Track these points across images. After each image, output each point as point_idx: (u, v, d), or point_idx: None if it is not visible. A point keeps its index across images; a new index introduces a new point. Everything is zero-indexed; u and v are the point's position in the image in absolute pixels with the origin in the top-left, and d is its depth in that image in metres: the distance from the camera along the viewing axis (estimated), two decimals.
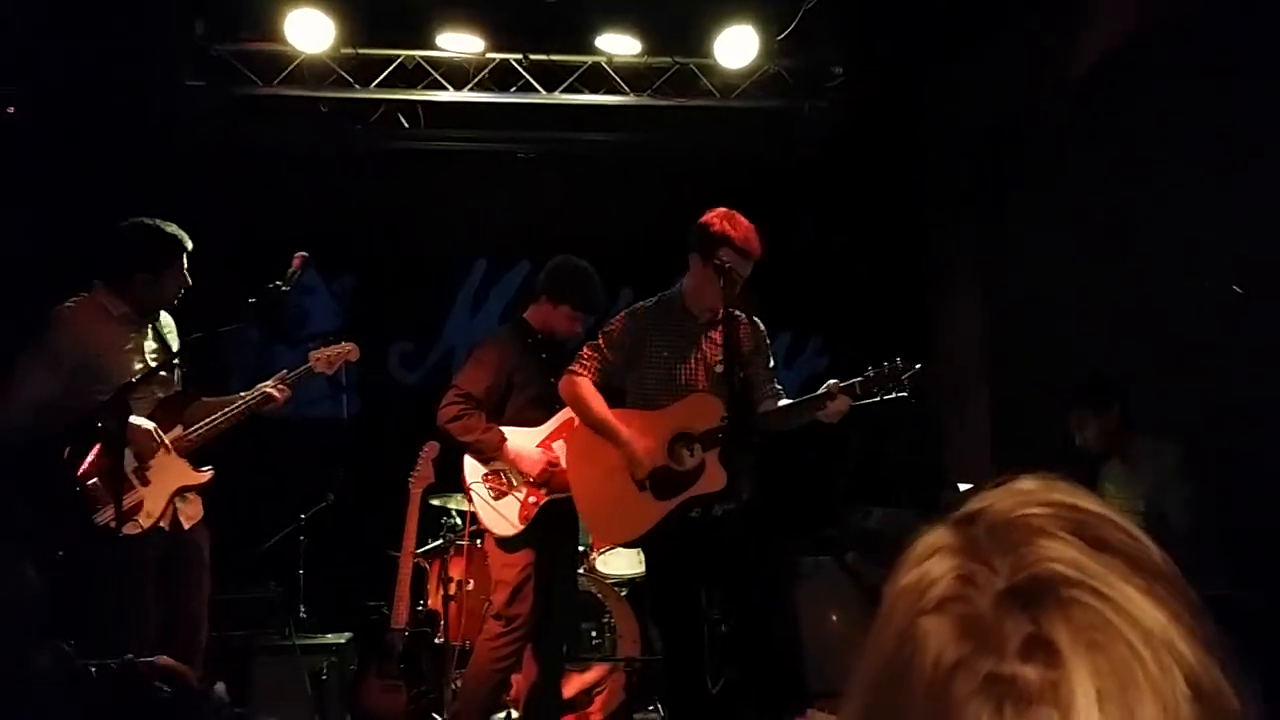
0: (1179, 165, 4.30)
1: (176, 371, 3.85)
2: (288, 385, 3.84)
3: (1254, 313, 3.61)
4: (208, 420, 3.74)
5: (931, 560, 0.61)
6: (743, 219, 3.70)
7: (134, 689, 0.84)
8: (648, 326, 3.84)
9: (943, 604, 0.58)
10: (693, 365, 3.77)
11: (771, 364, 3.93)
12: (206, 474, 3.76)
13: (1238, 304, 3.56)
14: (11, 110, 5.35)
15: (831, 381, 3.58)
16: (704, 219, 3.73)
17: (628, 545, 4.54)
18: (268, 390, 3.80)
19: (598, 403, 3.82)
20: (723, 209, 3.74)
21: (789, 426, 3.73)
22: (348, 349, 3.97)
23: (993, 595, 0.57)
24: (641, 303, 3.95)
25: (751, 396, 3.78)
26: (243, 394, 3.84)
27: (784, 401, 3.79)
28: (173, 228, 3.80)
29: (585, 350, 3.93)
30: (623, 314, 3.96)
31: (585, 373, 3.85)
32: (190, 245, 3.82)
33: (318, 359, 3.91)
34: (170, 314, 3.95)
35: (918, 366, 3.50)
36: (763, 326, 3.93)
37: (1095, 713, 0.52)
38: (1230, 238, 3.93)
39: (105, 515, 3.46)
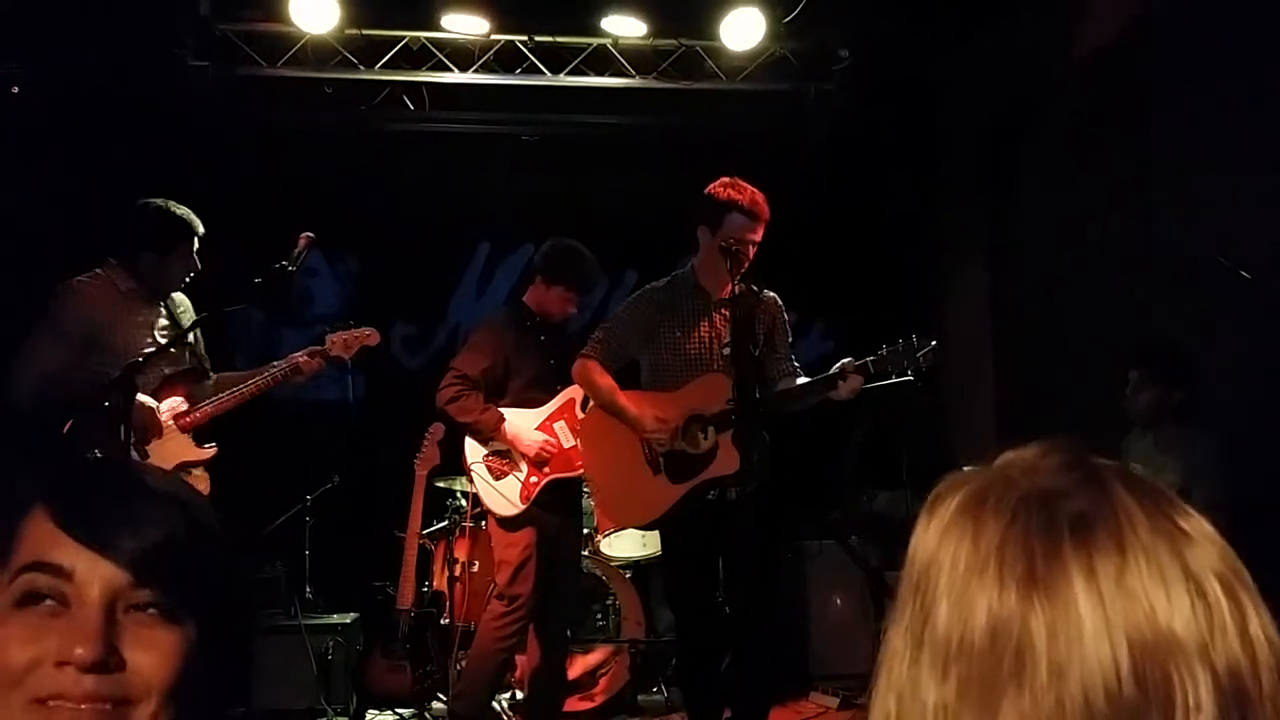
0: (1192, 148, 4.25)
1: (187, 349, 3.85)
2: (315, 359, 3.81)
3: (1265, 298, 3.56)
4: (214, 398, 3.74)
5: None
6: (746, 184, 3.70)
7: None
8: (660, 307, 3.83)
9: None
10: (707, 345, 3.76)
11: (790, 341, 3.92)
12: (209, 451, 3.76)
13: (1248, 290, 3.51)
14: (16, 90, 5.34)
15: (845, 360, 3.54)
16: (708, 189, 3.74)
17: (643, 528, 4.55)
18: (299, 360, 3.78)
19: (608, 385, 3.81)
20: (725, 178, 3.74)
21: (801, 406, 3.71)
22: (367, 333, 3.91)
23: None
24: (653, 283, 3.94)
25: (768, 374, 3.76)
26: (259, 370, 3.83)
27: (801, 380, 3.76)
28: (183, 210, 3.80)
29: (597, 332, 3.94)
30: (634, 295, 3.95)
31: (596, 355, 3.85)
32: (201, 229, 3.82)
33: (334, 341, 3.86)
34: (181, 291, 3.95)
35: (933, 343, 3.44)
36: (781, 302, 3.91)
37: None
38: (1243, 223, 3.89)
39: None
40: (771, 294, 3.89)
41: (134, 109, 5.52)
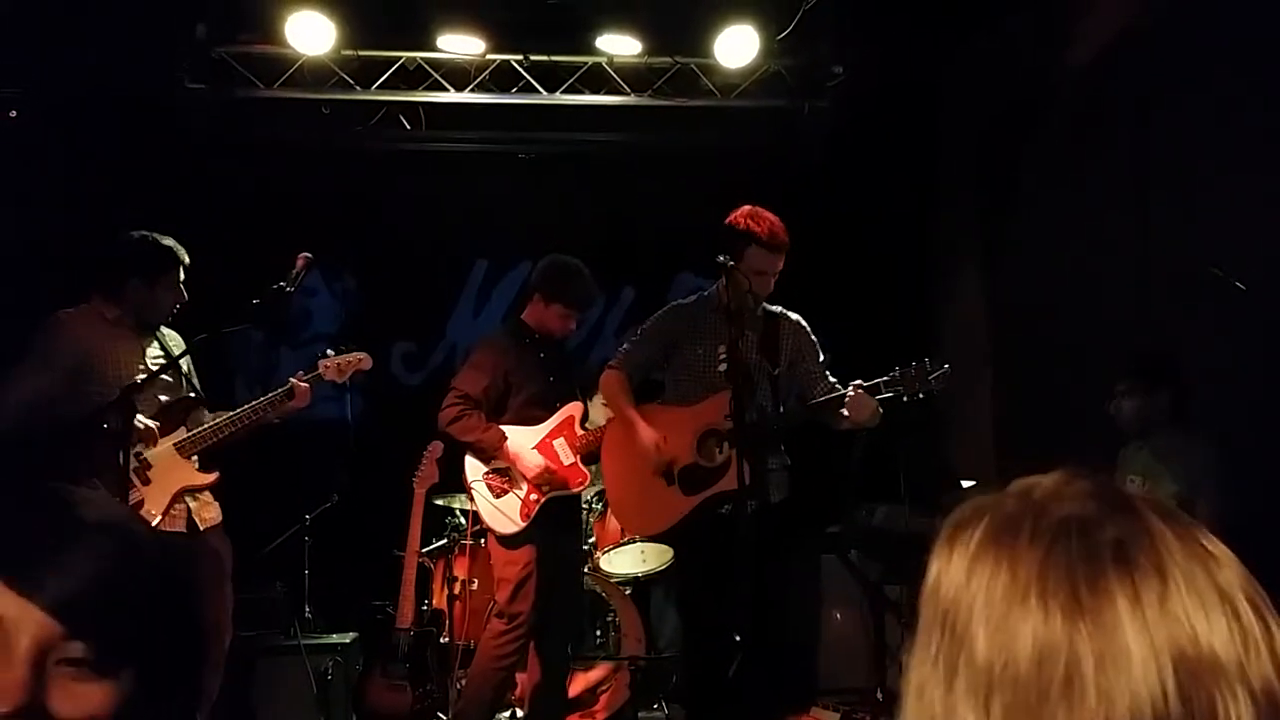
0: (1191, 150, 4.24)
1: (184, 379, 3.86)
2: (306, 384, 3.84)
3: (1264, 300, 3.54)
4: (213, 424, 3.75)
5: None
6: (766, 213, 3.76)
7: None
8: (685, 324, 3.91)
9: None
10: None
11: (821, 359, 3.94)
12: (211, 476, 3.77)
13: (1247, 290, 3.50)
14: (14, 114, 5.36)
15: (856, 382, 3.59)
16: (729, 219, 3.79)
17: (656, 539, 4.58)
18: (289, 385, 3.80)
19: (625, 397, 3.90)
20: (746, 207, 3.80)
21: (824, 421, 3.76)
22: (359, 358, 3.96)
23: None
24: (681, 300, 4.05)
25: (807, 395, 3.83)
26: (240, 411, 3.83)
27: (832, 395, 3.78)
28: (169, 240, 3.82)
29: (625, 344, 4.05)
30: (662, 310, 4.03)
31: (621, 367, 3.94)
32: (186, 259, 3.83)
33: (328, 366, 3.89)
34: (171, 325, 3.95)
35: (946, 367, 3.49)
36: (805, 323, 3.95)
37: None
38: (1241, 225, 3.88)
39: None
40: (795, 316, 3.95)
41: (131, 131, 5.54)
